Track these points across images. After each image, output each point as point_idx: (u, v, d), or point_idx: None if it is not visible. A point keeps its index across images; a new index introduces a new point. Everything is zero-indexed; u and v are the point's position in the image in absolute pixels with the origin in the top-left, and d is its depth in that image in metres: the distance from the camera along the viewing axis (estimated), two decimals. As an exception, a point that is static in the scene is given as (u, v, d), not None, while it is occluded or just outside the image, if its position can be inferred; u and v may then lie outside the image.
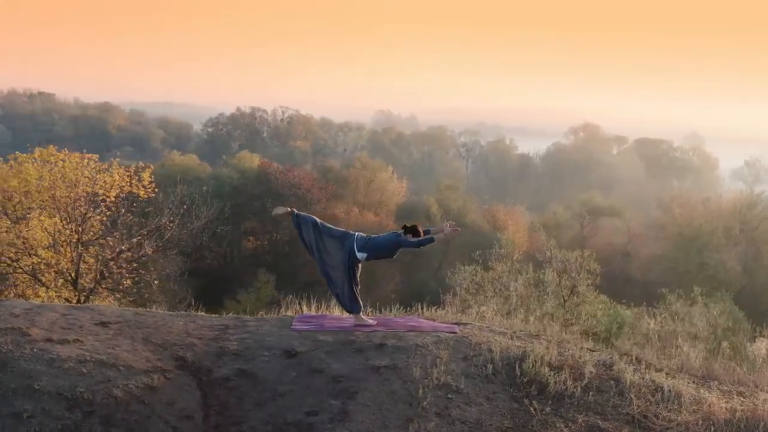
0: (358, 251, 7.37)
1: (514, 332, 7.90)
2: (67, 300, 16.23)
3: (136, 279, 17.64)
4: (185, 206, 18.26)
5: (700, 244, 44.43)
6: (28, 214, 15.94)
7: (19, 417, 5.43)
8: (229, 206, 50.60)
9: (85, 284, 17.08)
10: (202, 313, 8.03)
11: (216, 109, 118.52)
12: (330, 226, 7.63)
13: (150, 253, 17.28)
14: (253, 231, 53.73)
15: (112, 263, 16.81)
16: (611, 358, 7.44)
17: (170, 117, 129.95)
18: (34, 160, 16.65)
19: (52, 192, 15.93)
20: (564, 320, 16.16)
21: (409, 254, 47.37)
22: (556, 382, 6.69)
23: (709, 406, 6.78)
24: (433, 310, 9.15)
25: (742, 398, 7.24)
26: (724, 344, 9.42)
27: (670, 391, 6.92)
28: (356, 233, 7.49)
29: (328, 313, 8.20)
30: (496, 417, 6.20)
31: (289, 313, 8.43)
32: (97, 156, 18.70)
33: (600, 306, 17.01)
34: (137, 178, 18.13)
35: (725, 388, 7.51)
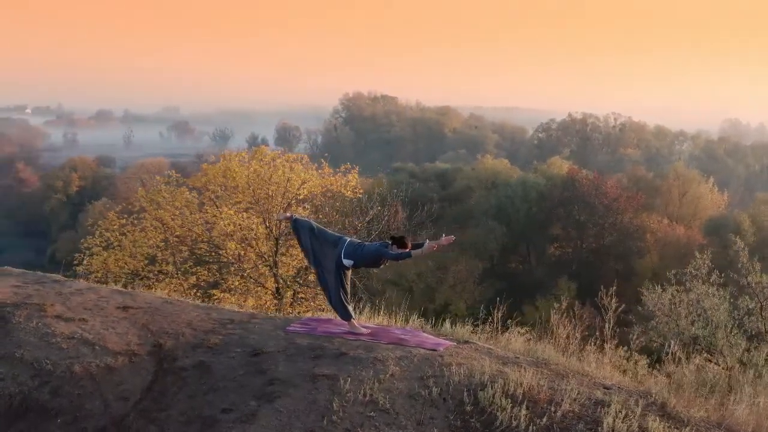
0: (345, 258, 7.28)
1: (517, 357, 7.15)
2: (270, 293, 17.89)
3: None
4: (374, 210, 19.08)
5: None
6: (229, 207, 17.92)
7: (-7, 378, 6.45)
8: (535, 211, 51.47)
9: (285, 276, 18.71)
10: (226, 307, 8.56)
11: (559, 115, 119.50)
12: (327, 230, 7.64)
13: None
14: (557, 237, 53.61)
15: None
16: (610, 398, 6.39)
17: (508, 122, 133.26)
18: (242, 159, 18.74)
19: (251, 189, 17.81)
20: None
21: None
22: (511, 417, 5.98)
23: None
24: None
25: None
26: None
27: (662, 446, 5.79)
28: (348, 239, 7.40)
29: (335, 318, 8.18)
30: (414, 443, 5.77)
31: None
32: (308, 156, 20.40)
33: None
34: (345, 179, 19.48)
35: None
